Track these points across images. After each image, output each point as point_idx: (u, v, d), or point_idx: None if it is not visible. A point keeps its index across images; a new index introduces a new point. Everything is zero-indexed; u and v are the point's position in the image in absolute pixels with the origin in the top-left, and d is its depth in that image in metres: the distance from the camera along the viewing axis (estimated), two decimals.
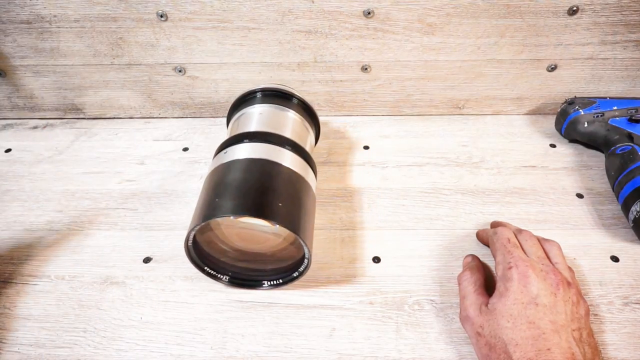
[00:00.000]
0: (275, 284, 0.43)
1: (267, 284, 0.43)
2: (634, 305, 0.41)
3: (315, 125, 0.54)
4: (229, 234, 0.42)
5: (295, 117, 0.50)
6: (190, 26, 0.55)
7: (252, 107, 0.50)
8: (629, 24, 0.54)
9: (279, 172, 0.41)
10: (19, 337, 0.41)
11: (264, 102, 0.50)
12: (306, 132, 0.51)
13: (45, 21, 0.55)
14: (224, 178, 0.41)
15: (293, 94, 0.52)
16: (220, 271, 0.43)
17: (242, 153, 0.43)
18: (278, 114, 0.49)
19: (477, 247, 0.47)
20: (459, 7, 0.53)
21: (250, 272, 0.43)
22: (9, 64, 0.60)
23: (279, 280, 0.42)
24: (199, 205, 0.40)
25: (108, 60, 0.59)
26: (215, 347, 0.40)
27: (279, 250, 0.43)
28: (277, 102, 0.50)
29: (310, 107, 0.52)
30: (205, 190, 0.41)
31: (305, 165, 0.45)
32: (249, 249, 0.43)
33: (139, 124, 0.64)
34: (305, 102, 0.52)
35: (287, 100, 0.51)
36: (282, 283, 0.43)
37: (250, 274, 0.43)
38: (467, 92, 0.61)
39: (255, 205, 0.38)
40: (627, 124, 0.54)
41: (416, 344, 0.39)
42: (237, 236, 0.43)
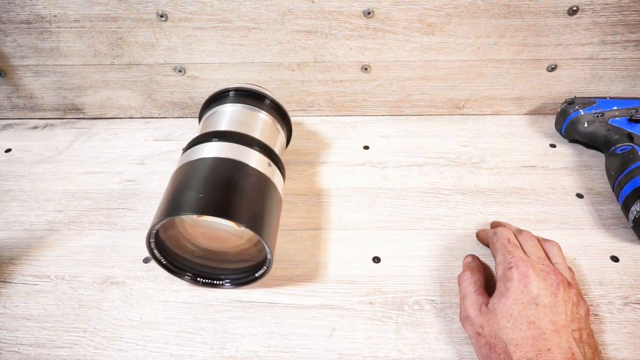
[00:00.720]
0: (236, 283, 0.43)
1: (228, 284, 0.43)
2: (634, 305, 0.41)
3: (287, 126, 0.53)
4: (193, 232, 0.43)
5: (266, 118, 0.50)
6: (190, 26, 0.55)
7: (224, 105, 0.50)
8: (629, 24, 0.54)
9: (245, 173, 0.42)
10: (19, 337, 0.41)
11: (235, 102, 0.50)
12: (276, 134, 0.50)
13: (45, 21, 0.55)
14: (190, 176, 0.41)
15: (265, 94, 0.51)
16: (183, 268, 0.43)
17: (209, 152, 0.43)
18: (249, 114, 0.49)
19: (477, 247, 0.47)
20: (459, 7, 0.53)
21: (213, 271, 0.44)
22: (9, 64, 0.60)
23: (241, 280, 0.43)
24: (163, 201, 0.40)
25: (108, 60, 0.59)
26: (215, 347, 0.40)
27: (242, 250, 0.43)
28: (248, 102, 0.50)
29: (283, 108, 0.52)
30: (170, 187, 0.41)
31: (273, 167, 0.45)
32: (212, 248, 0.43)
33: (139, 124, 0.64)
34: (277, 103, 0.52)
35: (259, 100, 0.51)
36: (244, 283, 0.43)
37: (213, 273, 0.43)
38: (467, 92, 0.61)
39: (219, 205, 0.38)
40: (627, 124, 0.54)
41: (416, 344, 0.39)
42: (201, 234, 0.43)
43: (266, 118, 0.50)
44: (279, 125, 0.51)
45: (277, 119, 0.51)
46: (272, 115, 0.51)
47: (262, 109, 0.50)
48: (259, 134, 0.47)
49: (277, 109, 0.52)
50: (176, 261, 0.43)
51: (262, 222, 0.39)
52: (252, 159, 0.43)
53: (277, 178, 0.45)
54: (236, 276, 0.43)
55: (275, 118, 0.51)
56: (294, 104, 0.63)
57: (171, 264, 0.42)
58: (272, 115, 0.51)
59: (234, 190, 0.39)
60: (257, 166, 0.43)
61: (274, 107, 0.52)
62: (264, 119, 0.50)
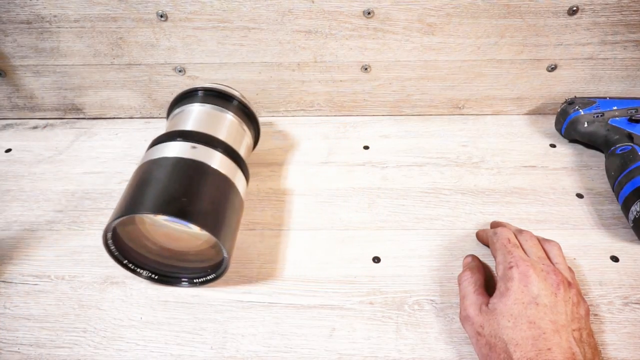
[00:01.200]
0: (194, 282, 0.43)
1: (186, 282, 0.43)
2: (634, 305, 0.41)
3: (255, 128, 0.54)
4: (152, 230, 0.43)
5: (233, 119, 0.50)
6: (190, 26, 0.55)
7: (192, 105, 0.50)
8: (629, 24, 0.54)
9: (206, 174, 0.42)
10: (19, 337, 0.41)
11: (203, 102, 0.50)
12: (243, 135, 0.50)
13: (46, 21, 0.55)
14: (151, 174, 0.41)
15: (233, 95, 0.51)
16: (140, 265, 0.43)
17: (172, 151, 0.43)
18: (215, 114, 0.49)
19: (477, 247, 0.47)
20: (459, 7, 0.53)
21: (171, 269, 0.44)
22: (9, 64, 0.60)
23: (198, 280, 0.43)
24: (122, 197, 0.40)
25: (108, 60, 0.59)
26: (215, 347, 0.40)
27: (200, 250, 0.43)
28: (216, 103, 0.50)
29: (251, 109, 0.52)
30: (130, 184, 0.41)
31: (236, 169, 0.45)
32: (170, 247, 0.44)
33: (139, 124, 0.64)
34: (245, 104, 0.52)
35: (227, 101, 0.51)
36: (201, 283, 0.43)
37: (171, 271, 0.44)
38: (467, 92, 0.61)
39: (177, 205, 0.38)
40: (627, 124, 0.54)
41: (416, 344, 0.39)
42: (160, 233, 0.43)
43: (233, 119, 0.50)
44: (246, 127, 0.51)
45: (244, 120, 0.51)
46: (240, 116, 0.51)
47: (229, 110, 0.50)
48: (224, 135, 0.47)
49: (245, 111, 0.52)
50: (134, 258, 0.43)
51: (219, 224, 0.39)
52: (214, 160, 0.43)
53: (240, 180, 0.45)
54: (194, 275, 0.43)
55: (243, 119, 0.51)
56: (294, 104, 0.63)
57: (129, 261, 0.42)
58: (240, 116, 0.51)
59: (193, 191, 0.40)
60: (219, 167, 0.43)
61: (242, 109, 0.52)
62: (231, 120, 0.50)
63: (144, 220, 0.42)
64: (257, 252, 0.47)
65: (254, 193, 0.53)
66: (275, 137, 0.61)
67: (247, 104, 0.52)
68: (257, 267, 0.46)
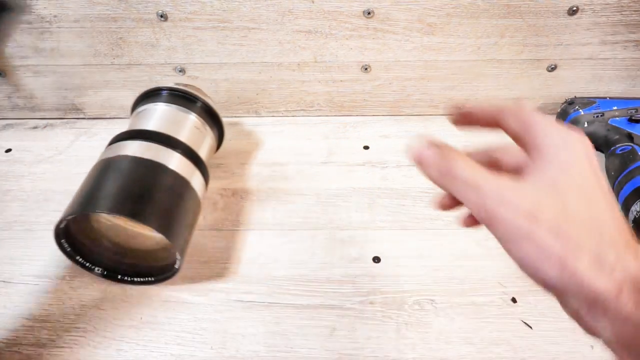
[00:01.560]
0: (147, 281, 0.43)
1: (139, 280, 0.44)
2: None
3: (218, 130, 0.54)
4: (106, 227, 0.43)
5: (196, 121, 0.50)
6: (190, 26, 0.55)
7: (155, 104, 0.50)
8: (629, 24, 0.54)
9: (162, 175, 0.42)
10: (20, 337, 0.41)
11: (167, 102, 0.50)
12: (204, 137, 0.51)
13: (46, 21, 0.55)
14: (108, 173, 0.41)
15: (197, 97, 0.52)
16: (94, 262, 0.43)
17: (130, 150, 0.43)
18: (178, 115, 0.50)
19: (477, 247, 0.47)
20: (459, 7, 0.53)
21: (125, 267, 0.44)
22: (9, 64, 0.60)
23: (151, 279, 0.43)
24: (76, 194, 0.40)
25: (108, 60, 0.59)
26: (215, 347, 0.40)
27: (154, 249, 0.44)
28: (180, 103, 0.50)
29: (215, 111, 0.52)
30: (86, 181, 0.42)
31: (194, 170, 0.45)
32: (125, 245, 0.44)
33: None
34: (209, 106, 0.52)
35: (191, 102, 0.51)
36: (154, 281, 0.43)
37: (124, 269, 0.44)
38: (467, 92, 0.61)
39: (130, 206, 0.39)
40: (627, 124, 0.54)
41: (416, 343, 0.39)
42: (115, 231, 0.43)
43: (196, 120, 0.50)
44: (209, 128, 0.52)
45: (207, 121, 0.51)
46: (203, 118, 0.51)
47: (192, 111, 0.50)
48: (185, 137, 0.47)
49: (209, 112, 0.52)
50: (88, 255, 0.43)
51: (172, 225, 0.40)
52: (172, 161, 0.44)
53: (197, 181, 0.45)
54: (148, 273, 0.44)
55: (206, 121, 0.51)
56: (294, 104, 0.63)
57: (82, 257, 0.43)
58: (203, 118, 0.51)
59: (147, 192, 0.40)
60: (176, 168, 0.43)
61: (206, 110, 0.52)
62: (194, 121, 0.50)
63: (98, 217, 0.42)
64: (257, 252, 0.47)
65: (254, 193, 0.53)
66: (275, 137, 0.61)
67: (212, 105, 0.52)
68: (257, 267, 0.46)
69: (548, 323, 0.40)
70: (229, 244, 0.48)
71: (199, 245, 0.48)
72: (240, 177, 0.55)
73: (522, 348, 0.39)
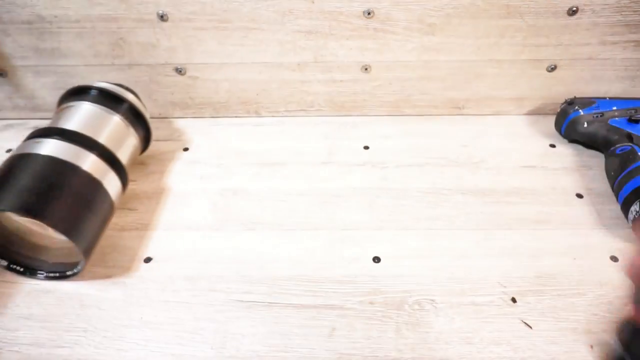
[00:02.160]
0: (51, 277, 0.44)
1: (42, 276, 0.44)
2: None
3: (144, 131, 0.54)
4: (14, 222, 0.44)
5: (121, 122, 0.50)
6: (190, 26, 0.56)
7: (81, 103, 0.50)
8: (628, 24, 0.54)
9: (73, 176, 0.43)
10: (20, 337, 0.41)
11: (93, 101, 0.50)
12: (127, 138, 0.51)
13: (46, 22, 0.56)
14: (19, 169, 0.42)
15: (124, 98, 0.52)
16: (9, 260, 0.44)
17: (46, 148, 0.44)
18: (102, 115, 0.50)
19: (477, 247, 0.47)
20: (459, 7, 0.53)
21: (31, 262, 0.44)
22: (10, 64, 0.60)
23: (55, 274, 0.44)
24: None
25: (109, 61, 0.59)
26: (215, 347, 0.40)
27: (59, 248, 0.44)
28: (106, 104, 0.50)
29: (140, 112, 0.52)
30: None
31: (109, 172, 0.46)
32: (32, 241, 0.44)
33: None
34: (135, 106, 0.52)
35: (118, 103, 0.51)
36: (58, 277, 0.44)
37: (30, 263, 0.44)
38: (467, 92, 0.61)
39: (36, 205, 0.39)
40: (627, 124, 0.54)
41: (416, 343, 0.39)
42: (23, 227, 0.44)
43: (120, 122, 0.50)
44: (133, 130, 0.52)
45: (132, 123, 0.52)
46: (129, 119, 0.51)
47: (117, 112, 0.51)
48: (105, 138, 0.48)
49: (135, 113, 0.52)
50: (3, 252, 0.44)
51: (77, 226, 0.41)
52: (86, 163, 0.44)
53: (112, 183, 0.46)
54: (53, 269, 0.44)
55: (131, 123, 0.51)
56: (294, 104, 0.63)
57: None
58: (129, 119, 0.51)
59: (55, 192, 0.41)
60: (90, 170, 0.44)
61: (132, 111, 0.52)
62: (118, 122, 0.50)
63: (3, 213, 0.43)
64: (257, 252, 0.47)
65: (254, 193, 0.53)
66: (275, 137, 0.61)
67: (137, 106, 0.52)
68: (257, 267, 0.46)
69: (548, 323, 0.40)
70: (229, 244, 0.48)
71: (199, 246, 0.48)
72: (240, 177, 0.55)
73: (522, 348, 0.39)
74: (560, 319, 0.41)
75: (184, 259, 0.46)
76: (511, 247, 0.46)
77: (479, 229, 0.48)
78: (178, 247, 0.48)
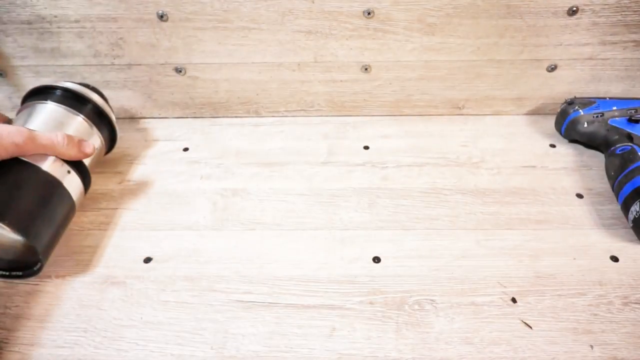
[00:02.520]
0: (6, 275, 0.44)
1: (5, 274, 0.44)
2: (634, 305, 0.41)
3: (109, 132, 0.54)
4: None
5: (84, 123, 0.50)
6: (190, 26, 0.56)
7: (44, 103, 0.50)
8: (628, 24, 0.54)
9: (32, 176, 0.43)
10: (20, 337, 0.41)
11: (57, 101, 0.50)
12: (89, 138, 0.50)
13: (46, 21, 0.56)
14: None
15: (88, 98, 0.52)
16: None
17: None
18: (65, 115, 0.50)
19: (477, 247, 0.47)
20: (459, 7, 0.53)
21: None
22: (10, 64, 0.60)
23: (12, 273, 0.44)
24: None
25: (108, 61, 0.59)
26: (215, 347, 0.40)
27: (16, 246, 0.44)
28: (70, 104, 0.50)
29: (105, 112, 0.52)
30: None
31: (70, 173, 0.46)
32: None
33: (139, 124, 0.64)
34: (100, 108, 0.52)
35: (82, 104, 0.51)
36: (14, 277, 0.44)
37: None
38: (467, 92, 0.61)
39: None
40: (627, 124, 0.54)
41: (416, 343, 0.39)
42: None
43: (84, 123, 0.50)
44: (97, 131, 0.52)
45: (96, 124, 0.52)
46: (93, 120, 0.51)
47: (81, 113, 0.50)
48: None
49: (99, 113, 0.52)
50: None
51: (35, 226, 0.41)
52: (46, 163, 0.44)
53: (73, 184, 0.46)
54: (9, 267, 0.44)
55: (95, 123, 0.51)
56: (294, 104, 0.63)
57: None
58: (93, 120, 0.51)
59: (12, 192, 0.41)
60: (50, 170, 0.44)
61: (96, 111, 0.52)
62: (81, 122, 0.50)
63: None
64: (257, 252, 0.47)
65: (254, 193, 0.53)
66: (275, 137, 0.61)
67: (102, 107, 0.52)
68: (257, 267, 0.46)
69: (548, 323, 0.40)
70: (229, 244, 0.48)
71: (199, 246, 0.48)
72: (240, 177, 0.55)
73: (522, 348, 0.39)
74: (560, 319, 0.41)
75: (184, 259, 0.46)
76: (511, 247, 0.47)
77: (479, 229, 0.48)
78: (178, 247, 0.48)
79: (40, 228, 0.42)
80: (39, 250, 0.41)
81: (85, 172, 0.48)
